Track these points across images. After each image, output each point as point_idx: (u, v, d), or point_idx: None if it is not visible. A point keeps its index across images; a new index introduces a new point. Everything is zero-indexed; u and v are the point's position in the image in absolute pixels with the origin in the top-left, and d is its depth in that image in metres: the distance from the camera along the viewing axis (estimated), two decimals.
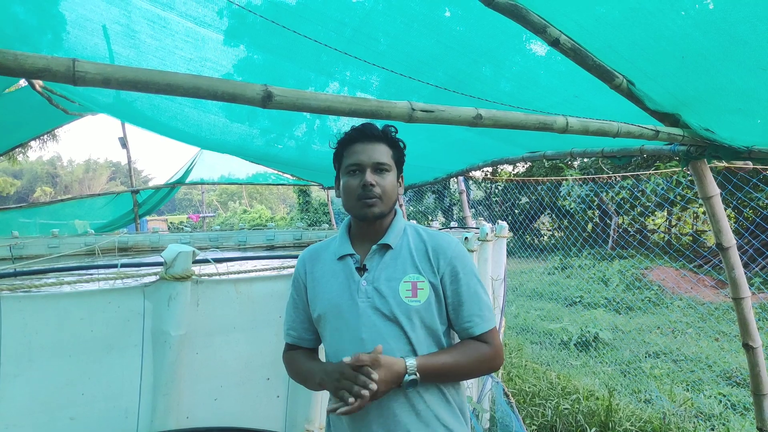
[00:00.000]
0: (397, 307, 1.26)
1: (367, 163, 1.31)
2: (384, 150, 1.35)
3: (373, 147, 1.33)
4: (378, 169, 1.32)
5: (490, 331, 1.32)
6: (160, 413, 1.60)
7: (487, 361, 1.30)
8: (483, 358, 1.29)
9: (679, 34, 1.49)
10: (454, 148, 3.91)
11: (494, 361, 1.31)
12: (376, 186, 1.31)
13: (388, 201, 1.33)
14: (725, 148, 2.08)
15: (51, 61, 0.99)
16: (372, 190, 1.30)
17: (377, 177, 1.32)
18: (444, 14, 1.82)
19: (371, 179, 1.30)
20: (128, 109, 3.76)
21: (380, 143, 1.35)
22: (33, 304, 1.44)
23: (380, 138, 1.36)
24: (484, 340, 1.30)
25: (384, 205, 1.33)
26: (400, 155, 1.40)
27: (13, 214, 6.74)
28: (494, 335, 1.32)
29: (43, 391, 1.46)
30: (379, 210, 1.32)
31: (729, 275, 2.39)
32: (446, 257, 1.32)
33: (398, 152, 1.39)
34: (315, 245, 1.50)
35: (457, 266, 1.32)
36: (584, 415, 3.92)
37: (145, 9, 2.10)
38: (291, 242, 6.87)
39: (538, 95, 2.27)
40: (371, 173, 1.31)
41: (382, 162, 1.32)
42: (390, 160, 1.35)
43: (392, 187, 1.35)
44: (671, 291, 8.70)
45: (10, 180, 25.53)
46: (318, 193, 19.11)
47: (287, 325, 1.47)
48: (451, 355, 1.27)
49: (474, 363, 1.29)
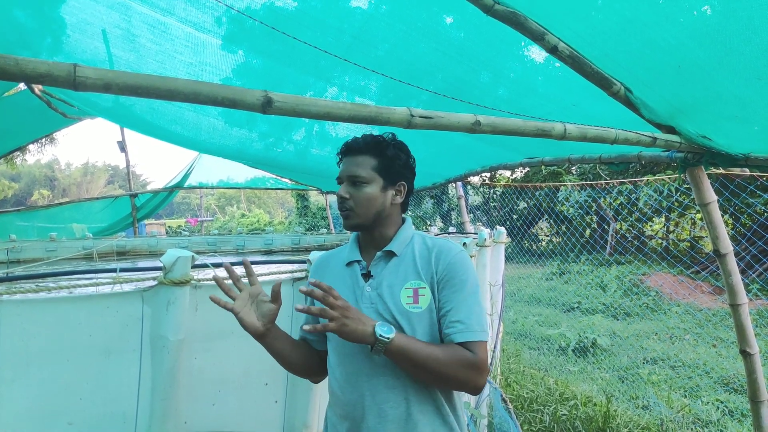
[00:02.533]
0: (399, 313, 1.27)
1: (343, 176, 1.36)
2: (364, 161, 1.35)
3: (352, 160, 1.36)
4: (353, 183, 1.34)
5: (476, 343, 1.24)
6: (158, 418, 1.60)
7: (466, 367, 1.21)
8: (463, 363, 1.21)
9: (675, 44, 1.50)
10: (453, 154, 3.92)
11: (475, 371, 1.22)
12: (349, 199, 1.34)
13: (363, 212, 1.34)
14: (722, 155, 2.10)
15: (52, 66, 1.00)
16: (344, 203, 1.34)
17: (351, 189, 1.34)
18: (443, 22, 1.84)
19: (344, 192, 1.34)
20: (127, 113, 3.77)
21: (362, 155, 1.35)
22: (31, 309, 1.44)
23: (361, 150, 1.36)
24: (469, 349, 1.23)
25: (358, 217, 1.34)
26: (390, 164, 1.37)
27: (11, 218, 6.73)
28: (481, 349, 1.24)
29: (41, 395, 1.46)
30: (354, 222, 1.34)
31: (726, 281, 2.39)
32: (445, 261, 1.32)
33: (386, 161, 1.36)
34: (328, 252, 1.53)
35: (452, 271, 1.30)
36: (582, 421, 3.91)
37: (145, 14, 2.12)
38: (289, 247, 6.87)
39: (536, 103, 2.29)
40: (345, 186, 1.35)
41: (356, 175, 1.33)
42: (369, 172, 1.34)
43: (367, 198, 1.34)
44: (669, 297, 8.71)
45: (8, 183, 25.46)
46: (316, 198, 19.10)
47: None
48: (431, 346, 1.22)
49: (452, 363, 1.20)
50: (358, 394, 1.28)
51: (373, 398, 1.27)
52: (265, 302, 1.27)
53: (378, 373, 1.27)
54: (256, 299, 1.27)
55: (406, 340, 1.20)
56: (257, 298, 1.27)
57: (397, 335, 1.18)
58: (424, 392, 1.28)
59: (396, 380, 1.27)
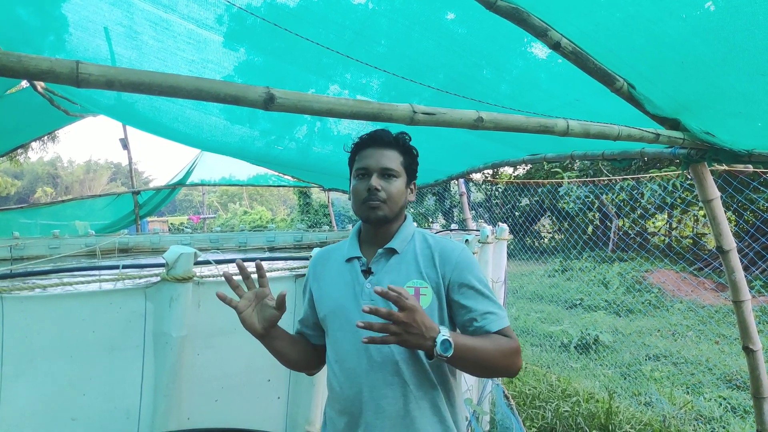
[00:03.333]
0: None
1: (374, 167, 1.34)
2: (393, 156, 1.36)
3: (382, 152, 1.35)
4: (385, 175, 1.34)
5: (508, 328, 1.28)
6: (161, 414, 1.60)
7: (510, 355, 1.23)
8: (507, 350, 1.23)
9: (678, 40, 1.50)
10: (455, 151, 3.91)
11: (516, 357, 1.25)
12: (381, 190, 1.32)
13: (393, 206, 1.34)
14: (726, 151, 2.09)
15: (55, 63, 1.00)
16: (377, 194, 1.32)
17: (383, 182, 1.33)
18: (445, 18, 1.83)
19: (377, 183, 1.32)
20: (129, 111, 3.77)
21: (390, 149, 1.36)
22: (35, 305, 1.45)
23: (391, 144, 1.36)
24: (505, 335, 1.26)
25: (388, 209, 1.33)
26: (412, 162, 1.40)
27: (14, 215, 6.75)
28: (513, 332, 1.28)
29: (44, 391, 1.46)
30: (383, 213, 1.33)
31: (729, 278, 2.39)
32: (451, 264, 1.32)
33: (410, 159, 1.40)
34: (327, 247, 1.53)
35: (463, 272, 1.31)
36: (584, 418, 3.92)
37: (147, 11, 2.11)
38: (291, 244, 6.89)
39: (539, 99, 2.28)
40: (377, 178, 1.33)
41: (389, 167, 1.34)
42: (399, 167, 1.36)
43: (398, 192, 1.35)
44: (671, 294, 8.70)
45: (11, 180, 25.54)
46: (318, 195, 19.11)
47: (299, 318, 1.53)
48: (477, 340, 1.22)
49: (499, 353, 1.22)
50: (356, 389, 1.29)
51: (371, 394, 1.28)
52: (270, 307, 1.27)
53: (376, 370, 1.28)
54: (261, 301, 1.27)
55: (461, 348, 1.15)
56: (263, 301, 1.27)
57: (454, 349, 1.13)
58: (422, 389, 1.28)
59: (394, 377, 1.27)
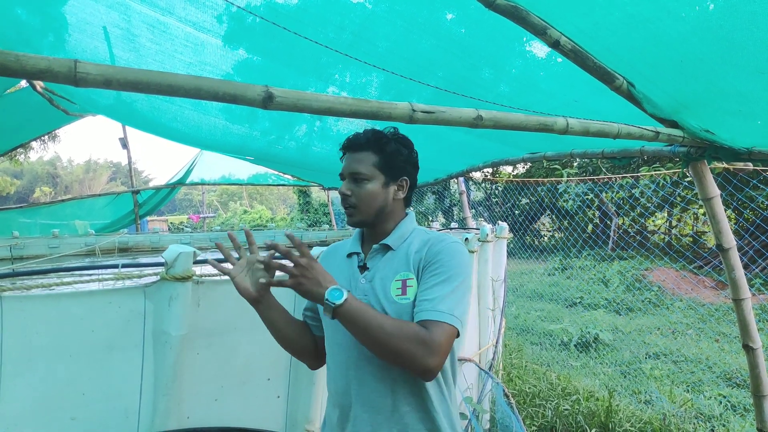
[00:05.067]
0: (388, 305, 1.27)
1: (345, 173, 1.37)
2: (365, 158, 1.34)
3: (353, 156, 1.36)
4: (354, 179, 1.34)
5: (435, 322, 1.17)
6: (160, 413, 1.60)
7: (413, 342, 1.13)
8: (411, 337, 1.14)
9: (678, 39, 1.50)
10: (454, 150, 3.91)
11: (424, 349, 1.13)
12: (351, 195, 1.34)
13: (365, 209, 1.34)
14: (725, 149, 2.09)
15: (53, 62, 0.99)
16: (347, 200, 1.35)
17: (353, 186, 1.34)
18: (444, 17, 1.83)
19: (345, 189, 1.35)
20: (128, 111, 3.77)
21: (362, 151, 1.35)
22: (34, 304, 1.45)
23: (362, 146, 1.35)
24: (425, 326, 1.17)
25: (360, 213, 1.34)
26: (392, 159, 1.36)
27: (14, 214, 6.74)
28: (439, 329, 1.16)
29: (43, 391, 1.46)
30: (357, 219, 1.35)
31: (729, 276, 2.39)
32: (434, 249, 1.30)
33: (387, 157, 1.35)
34: (335, 244, 1.56)
35: (436, 256, 1.28)
36: (584, 416, 3.92)
37: (145, 13, 2.11)
38: None
39: (538, 99, 2.28)
40: (348, 183, 1.35)
41: (357, 171, 1.33)
42: (370, 169, 1.34)
43: (369, 195, 1.34)
44: (671, 292, 8.70)
45: (11, 180, 25.51)
46: (318, 194, 19.09)
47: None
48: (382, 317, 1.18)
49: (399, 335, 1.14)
50: (346, 382, 1.31)
51: (360, 388, 1.28)
52: (260, 269, 1.28)
53: (365, 363, 1.28)
54: (252, 266, 1.29)
55: (356, 307, 1.15)
56: (254, 266, 1.29)
57: (346, 302, 1.13)
58: (411, 386, 1.28)
59: (383, 372, 1.27)
